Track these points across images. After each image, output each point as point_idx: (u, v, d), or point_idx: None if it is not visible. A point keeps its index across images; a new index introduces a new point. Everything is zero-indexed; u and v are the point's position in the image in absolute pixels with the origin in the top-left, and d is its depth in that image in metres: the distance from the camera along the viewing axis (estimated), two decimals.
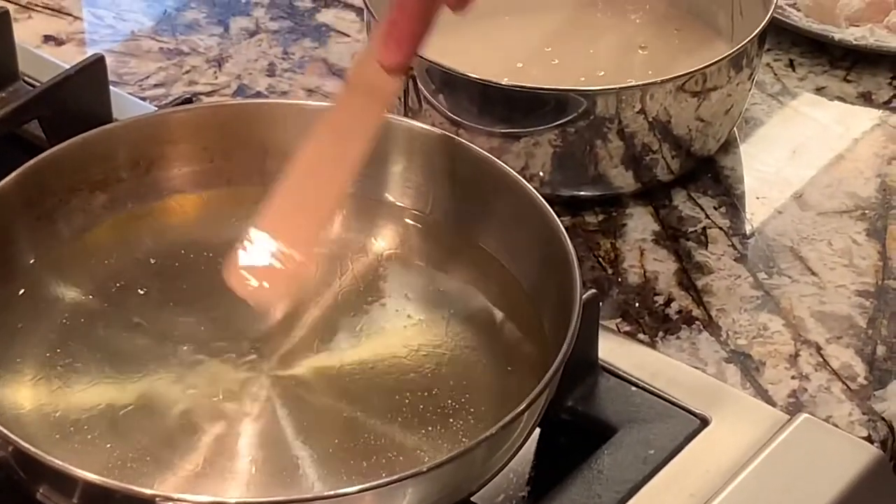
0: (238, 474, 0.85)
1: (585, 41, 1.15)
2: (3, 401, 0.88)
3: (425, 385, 0.90)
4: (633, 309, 1.03)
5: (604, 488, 0.92)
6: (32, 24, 1.20)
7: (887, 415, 0.97)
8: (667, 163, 1.09)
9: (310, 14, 1.23)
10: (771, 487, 0.93)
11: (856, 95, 1.17)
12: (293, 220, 0.85)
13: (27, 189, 0.93)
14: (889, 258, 1.06)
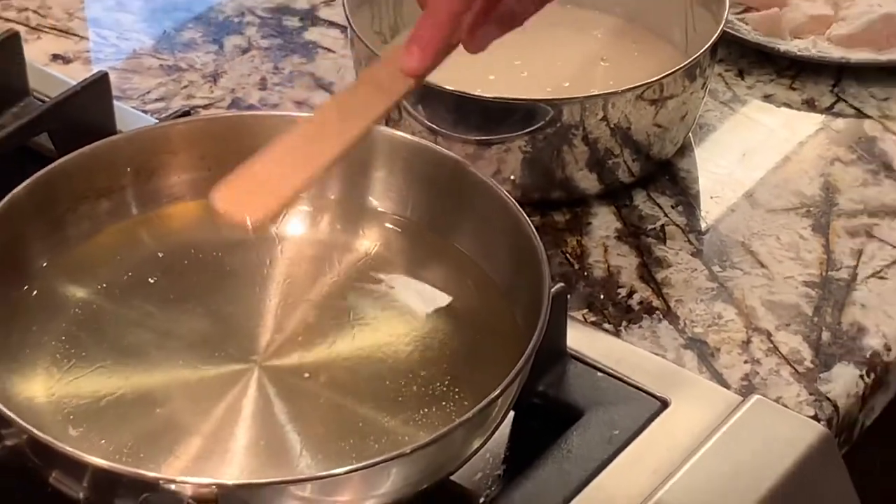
0: (235, 458, 0.87)
1: (551, 55, 1.15)
2: (18, 391, 0.89)
3: (409, 373, 0.91)
4: (599, 301, 1.04)
5: (573, 466, 0.94)
6: (41, 44, 1.20)
7: (832, 395, 0.98)
8: (628, 166, 1.10)
9: (298, 32, 1.24)
10: (726, 463, 0.95)
11: (800, 102, 1.18)
12: (267, 171, 0.84)
13: (38, 197, 0.94)
14: (832, 251, 1.07)
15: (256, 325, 0.93)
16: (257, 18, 1.25)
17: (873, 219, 1.09)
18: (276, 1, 1.27)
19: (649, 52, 1.15)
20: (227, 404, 0.88)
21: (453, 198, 0.96)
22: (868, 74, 1.20)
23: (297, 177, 0.83)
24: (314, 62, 1.21)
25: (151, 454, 0.85)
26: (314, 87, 1.19)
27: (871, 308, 1.04)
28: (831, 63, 1.20)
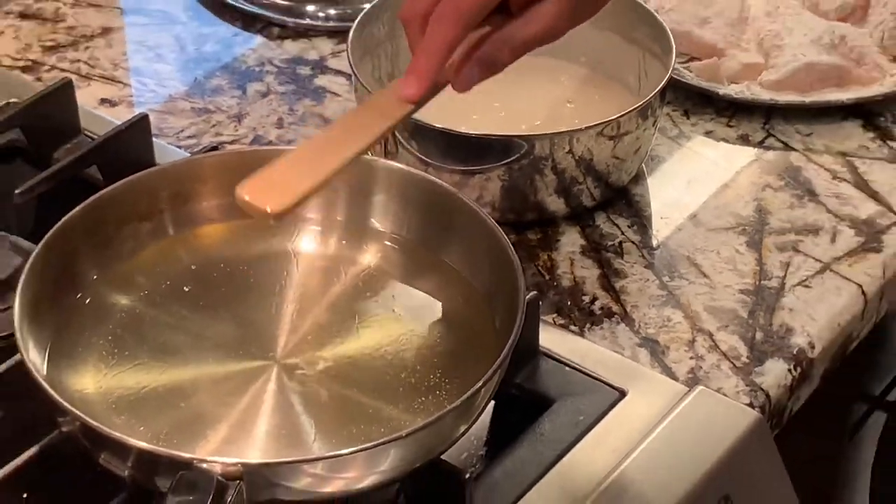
0: (257, 442, 0.86)
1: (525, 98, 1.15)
2: (71, 385, 0.88)
3: (405, 368, 0.91)
4: (566, 306, 1.04)
5: (545, 447, 0.94)
6: (91, 90, 1.20)
7: (765, 386, 0.99)
8: (590, 192, 1.10)
9: (309, 79, 1.24)
10: (675, 444, 0.95)
11: (736, 137, 1.19)
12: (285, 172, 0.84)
13: (89, 220, 0.94)
14: (764, 264, 1.07)
15: (275, 328, 0.93)
16: (275, 68, 1.25)
17: (799, 236, 1.09)
18: (291, 53, 1.27)
19: (608, 96, 1.15)
20: (250, 396, 0.88)
21: (442, 219, 0.96)
22: (793, 114, 1.20)
23: (310, 178, 0.82)
24: (323, 104, 1.21)
25: (185, 439, 0.85)
26: (323, 126, 1.19)
27: (797, 312, 1.03)
28: (762, 104, 1.20)
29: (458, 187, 0.97)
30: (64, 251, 0.92)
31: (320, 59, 1.26)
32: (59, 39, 1.27)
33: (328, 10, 1.30)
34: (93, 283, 0.94)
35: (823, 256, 1.08)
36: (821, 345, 1.02)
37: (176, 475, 0.78)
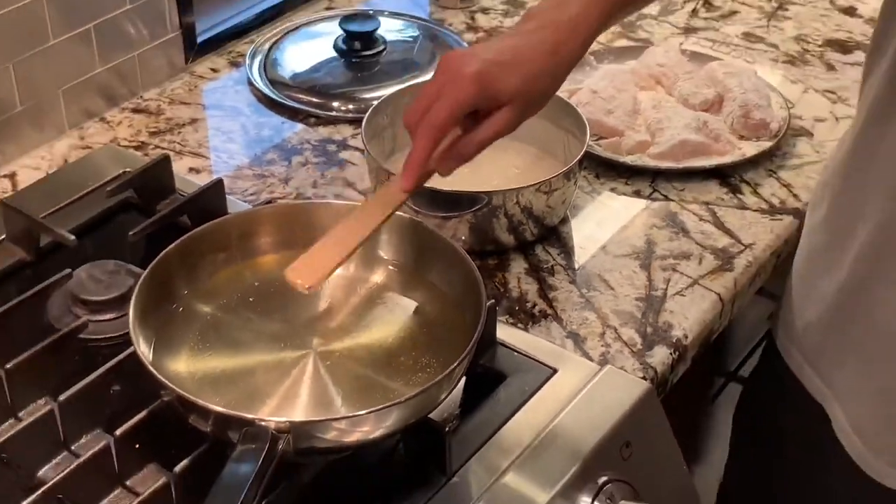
0: (299, 407, 0.86)
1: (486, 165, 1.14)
2: (170, 368, 0.88)
3: (403, 354, 0.91)
4: (515, 310, 1.04)
5: (501, 408, 0.95)
6: (183, 162, 1.20)
7: (653, 364, 0.99)
8: (531, 230, 1.10)
9: (335, 153, 1.24)
10: (591, 406, 0.95)
11: (632, 192, 1.19)
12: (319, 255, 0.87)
13: (181, 253, 0.94)
14: (652, 280, 1.07)
15: (312, 326, 0.92)
16: (311, 146, 1.24)
17: (676, 260, 1.09)
18: (322, 135, 1.26)
19: (543, 164, 1.15)
20: (294, 374, 0.88)
21: (428, 250, 0.96)
22: (671, 176, 1.20)
23: (333, 260, 0.87)
24: (345, 171, 1.21)
25: (248, 405, 0.85)
26: (346, 186, 1.19)
27: (675, 313, 1.03)
28: (650, 169, 1.20)
29: (439, 228, 0.97)
30: (163, 275, 0.91)
31: (343, 139, 1.26)
32: (160, 127, 1.26)
33: (348, 105, 1.29)
34: (184, 296, 0.93)
35: (693, 274, 1.08)
36: (692, 336, 1.02)
37: (242, 430, 0.78)
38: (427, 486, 0.87)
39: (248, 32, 1.43)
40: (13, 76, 1.17)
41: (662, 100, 1.26)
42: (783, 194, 1.18)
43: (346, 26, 1.36)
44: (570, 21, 0.89)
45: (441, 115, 0.86)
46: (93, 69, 1.25)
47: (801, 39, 1.43)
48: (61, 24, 1.20)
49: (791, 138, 1.25)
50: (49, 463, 0.88)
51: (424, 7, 1.49)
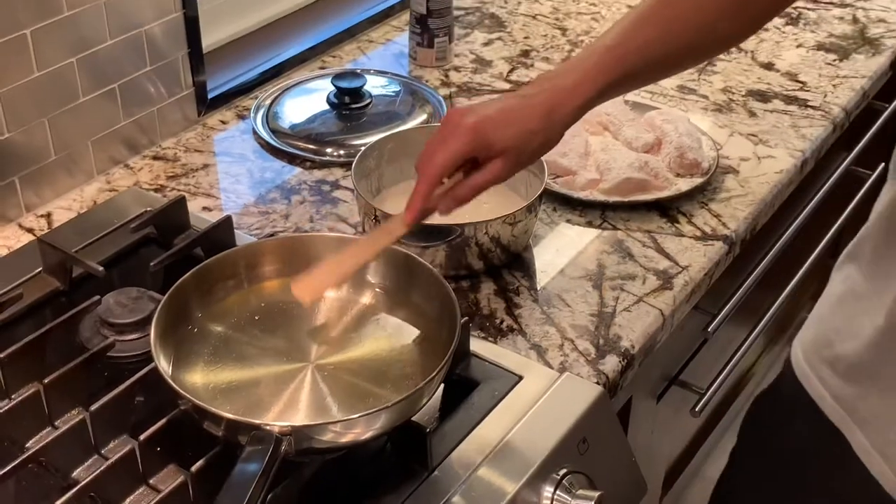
0: (300, 414, 0.86)
1: None
2: (186, 380, 0.88)
3: (390, 365, 0.90)
4: (485, 326, 1.04)
5: (475, 411, 0.95)
6: (196, 202, 1.20)
7: (605, 371, 0.99)
8: (499, 257, 1.10)
9: (329, 193, 1.24)
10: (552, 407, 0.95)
11: (585, 223, 1.19)
12: (321, 274, 0.91)
13: (195, 281, 0.93)
14: (603, 298, 1.07)
15: (310, 342, 0.92)
16: (308, 186, 1.24)
17: (623, 281, 1.09)
18: (318, 177, 1.26)
19: (508, 199, 1.14)
20: (295, 384, 0.88)
21: (410, 275, 0.95)
22: (618, 208, 1.20)
23: (332, 278, 0.91)
24: (338, 208, 1.21)
25: (254, 412, 0.85)
26: (338, 221, 1.18)
27: (624, 327, 1.03)
28: (600, 203, 1.20)
29: (420, 256, 0.97)
30: (180, 300, 0.91)
31: (335, 180, 1.26)
32: (176, 171, 1.26)
33: (340, 151, 1.29)
34: (198, 318, 0.93)
35: (638, 293, 1.08)
36: (638, 346, 1.02)
37: (249, 434, 0.78)
38: (411, 480, 0.86)
39: (253, 89, 1.43)
40: (48, 130, 1.17)
41: (609, 143, 1.26)
42: (714, 223, 1.18)
43: (337, 83, 1.36)
44: (567, 88, 0.90)
45: (440, 160, 0.89)
46: (117, 122, 1.25)
47: (727, 90, 1.44)
48: (90, 84, 1.20)
49: (720, 175, 1.26)
50: (82, 465, 0.88)
51: (405, 66, 1.50)
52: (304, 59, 1.50)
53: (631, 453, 0.99)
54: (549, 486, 0.88)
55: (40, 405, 0.90)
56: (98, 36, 1.19)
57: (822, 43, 1.56)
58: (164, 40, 1.26)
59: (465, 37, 1.57)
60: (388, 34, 1.59)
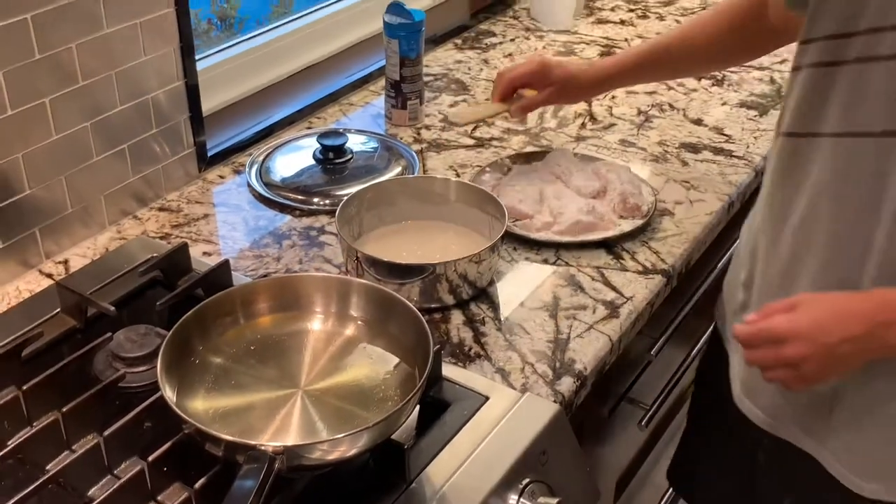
0: (291, 435, 0.85)
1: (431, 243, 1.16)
2: (189, 406, 0.87)
3: (371, 389, 0.90)
4: (455, 353, 1.04)
5: (447, 429, 0.95)
6: (198, 248, 1.20)
7: (562, 391, 0.99)
8: (466, 291, 1.10)
9: (316, 237, 1.24)
10: (516, 424, 0.95)
11: (541, 261, 1.19)
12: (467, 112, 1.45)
13: (198, 317, 0.93)
14: (559, 326, 1.07)
15: (299, 370, 0.91)
16: (297, 232, 1.24)
17: (576, 311, 1.10)
18: (305, 224, 1.26)
19: (474, 241, 1.15)
20: (286, 408, 0.87)
21: (388, 309, 0.95)
22: (570, 247, 1.20)
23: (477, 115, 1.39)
24: (324, 251, 1.20)
25: (250, 434, 0.84)
26: (324, 262, 1.18)
27: (577, 352, 1.03)
28: (554, 243, 1.21)
29: (396, 292, 0.97)
30: (183, 335, 0.90)
31: (321, 226, 1.25)
32: (180, 221, 1.26)
33: (325, 200, 1.30)
34: (199, 351, 0.92)
35: (589, 321, 1.08)
36: (590, 368, 1.02)
37: (246, 454, 0.77)
38: (392, 492, 0.86)
39: (247, 147, 1.43)
40: (65, 186, 1.17)
41: (561, 191, 1.27)
42: (654, 259, 1.19)
43: (322, 141, 1.37)
44: (592, 67, 1.26)
45: (512, 75, 1.25)
46: (127, 178, 1.24)
47: (663, 143, 1.46)
48: (102, 145, 1.19)
49: (658, 217, 1.27)
50: (96, 484, 0.86)
51: (381, 125, 1.51)
52: (292, 120, 1.50)
53: (585, 464, 0.99)
54: (513, 495, 0.88)
55: (59, 431, 0.89)
56: (109, 102, 1.19)
57: (744, 101, 1.58)
58: (168, 106, 1.26)
59: (434, 99, 1.58)
60: (367, 98, 1.60)
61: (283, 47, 1.60)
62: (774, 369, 0.86)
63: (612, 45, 1.78)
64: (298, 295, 0.96)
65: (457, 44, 1.78)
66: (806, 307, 0.84)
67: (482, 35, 1.82)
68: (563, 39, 1.80)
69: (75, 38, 1.12)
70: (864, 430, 0.92)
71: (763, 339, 0.86)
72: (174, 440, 0.85)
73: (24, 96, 1.08)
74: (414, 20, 1.43)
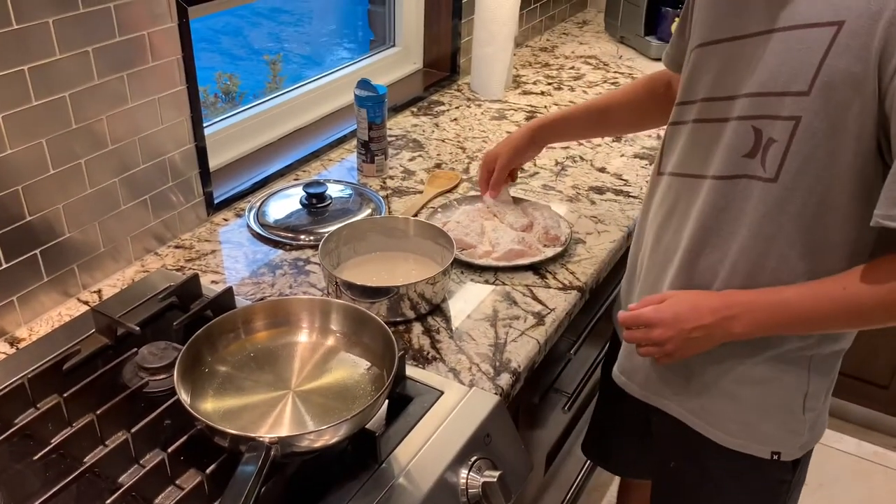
0: (284, 427, 0.84)
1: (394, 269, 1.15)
2: (200, 407, 0.86)
3: (351, 389, 0.89)
4: (416, 357, 1.03)
5: (410, 419, 0.94)
6: (207, 277, 1.18)
7: (501, 384, 0.98)
8: (424, 307, 1.10)
9: (302, 267, 1.22)
10: (465, 413, 0.94)
11: (483, 281, 1.20)
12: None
13: (207, 334, 0.92)
14: (498, 334, 1.07)
15: (290, 375, 0.90)
16: (287, 263, 1.22)
17: (511, 321, 1.10)
18: (294, 256, 1.24)
19: (429, 267, 1.15)
20: (279, 407, 0.86)
21: (361, 323, 0.94)
22: (506, 270, 1.21)
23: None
24: (309, 277, 1.19)
25: (251, 428, 0.83)
26: (310, 287, 1.17)
27: (513, 353, 1.03)
28: (493, 267, 1.20)
29: (368, 309, 0.96)
30: (195, 349, 0.89)
31: (307, 258, 1.24)
32: (192, 256, 1.23)
33: (310, 237, 1.28)
34: (208, 361, 0.91)
35: (521, 329, 1.08)
36: (523, 366, 1.02)
37: (247, 444, 0.76)
38: (366, 471, 0.85)
39: (246, 196, 1.41)
40: (98, 230, 1.14)
41: (498, 226, 1.28)
42: (571, 278, 1.20)
43: (307, 190, 1.36)
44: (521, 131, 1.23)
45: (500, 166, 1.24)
46: (149, 223, 1.22)
47: (575, 187, 1.47)
48: (128, 196, 1.17)
49: (573, 245, 1.28)
50: (125, 472, 0.84)
51: (354, 176, 1.51)
52: (283, 173, 1.49)
53: (521, 442, 0.99)
54: (464, 469, 0.88)
55: (94, 430, 0.87)
56: (134, 162, 1.17)
57: (638, 153, 1.61)
58: (182, 163, 1.25)
59: (396, 155, 1.58)
60: (343, 154, 1.59)
61: (276, 115, 1.60)
62: (646, 347, 0.92)
63: (534, 111, 1.79)
64: (289, 313, 0.95)
65: (413, 111, 1.79)
66: (672, 301, 0.90)
67: (433, 104, 1.83)
68: (496, 107, 1.81)
69: (106, 111, 1.10)
70: (711, 395, 0.97)
71: (637, 323, 0.92)
72: (189, 434, 0.84)
73: (63, 158, 1.06)
74: (378, 93, 1.43)
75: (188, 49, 1.19)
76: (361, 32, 2.12)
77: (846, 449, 1.96)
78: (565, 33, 2.30)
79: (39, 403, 0.91)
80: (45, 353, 0.99)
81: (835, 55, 0.74)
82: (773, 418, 0.93)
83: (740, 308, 0.85)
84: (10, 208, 1.02)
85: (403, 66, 1.93)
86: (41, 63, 1.00)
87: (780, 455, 0.94)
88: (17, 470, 0.83)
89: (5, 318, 1.05)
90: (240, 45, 3.72)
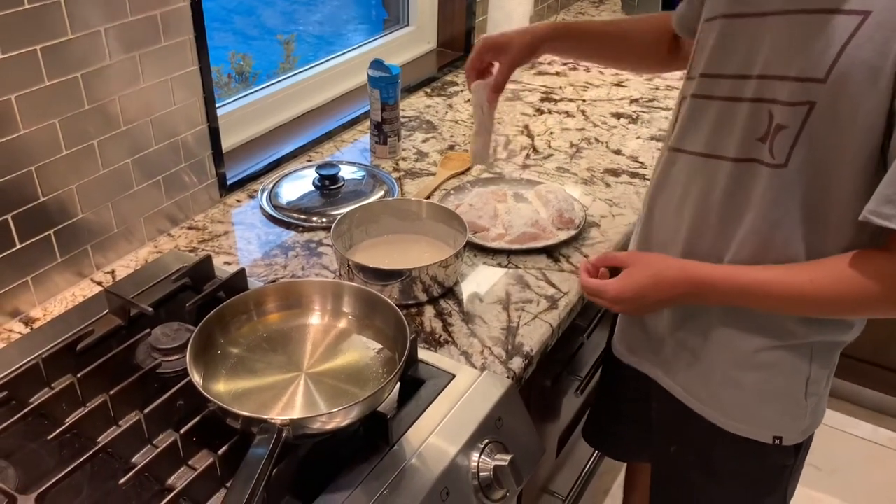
0: (296, 410, 0.84)
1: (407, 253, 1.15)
2: (213, 388, 0.86)
3: (362, 371, 0.89)
4: (428, 340, 1.03)
5: (422, 402, 0.94)
6: (220, 258, 1.18)
7: (513, 368, 0.98)
8: (437, 290, 1.10)
9: (315, 249, 1.22)
10: (478, 396, 0.94)
11: (496, 265, 1.19)
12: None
13: (219, 315, 0.92)
14: (511, 317, 1.07)
15: (302, 357, 0.90)
16: (300, 245, 1.23)
17: (524, 304, 1.10)
18: (307, 238, 1.25)
19: (442, 250, 1.15)
20: (292, 388, 0.86)
21: (373, 306, 0.94)
22: (519, 253, 1.20)
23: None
24: (322, 259, 1.19)
25: (263, 410, 0.83)
26: (322, 269, 1.17)
27: (525, 337, 1.03)
28: (506, 250, 1.20)
29: (380, 292, 0.96)
30: (208, 330, 0.89)
31: (319, 240, 1.24)
32: (205, 237, 1.24)
33: (322, 219, 1.28)
34: (220, 343, 0.91)
35: (534, 312, 1.08)
36: (536, 350, 1.02)
37: (259, 426, 0.76)
38: (378, 453, 0.85)
39: (259, 177, 1.41)
40: (111, 210, 1.15)
41: (511, 208, 1.27)
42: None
43: (319, 171, 1.35)
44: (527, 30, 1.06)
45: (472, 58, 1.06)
46: (162, 203, 1.22)
47: (591, 170, 1.46)
48: (141, 176, 1.17)
49: (588, 228, 1.27)
50: (139, 453, 0.85)
51: (367, 158, 1.50)
52: (296, 154, 1.49)
53: (533, 426, 0.99)
54: (475, 453, 0.88)
55: (107, 410, 0.87)
56: (146, 142, 1.17)
57: (654, 135, 1.59)
58: (195, 144, 1.25)
59: (409, 136, 1.57)
60: (355, 136, 1.59)
61: (289, 96, 1.59)
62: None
63: (549, 91, 1.78)
64: (301, 296, 0.95)
65: (427, 92, 1.78)
66: (633, 277, 0.91)
67: (447, 85, 1.82)
68: (510, 87, 1.80)
69: (118, 91, 1.10)
70: (713, 379, 0.97)
71: (597, 295, 0.94)
72: (201, 416, 0.84)
73: (76, 138, 1.06)
74: (392, 73, 1.42)
75: (201, 29, 1.18)
76: (375, 12, 2.10)
77: (862, 434, 1.95)
78: (581, 13, 2.28)
79: (54, 383, 0.92)
80: (59, 334, 1.00)
81: (856, 45, 0.72)
82: (775, 403, 0.93)
83: (703, 288, 0.87)
84: (24, 189, 1.02)
85: (417, 45, 1.92)
86: (54, 43, 1.00)
87: (782, 439, 0.94)
88: (31, 449, 0.84)
89: (20, 298, 1.06)
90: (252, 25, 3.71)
